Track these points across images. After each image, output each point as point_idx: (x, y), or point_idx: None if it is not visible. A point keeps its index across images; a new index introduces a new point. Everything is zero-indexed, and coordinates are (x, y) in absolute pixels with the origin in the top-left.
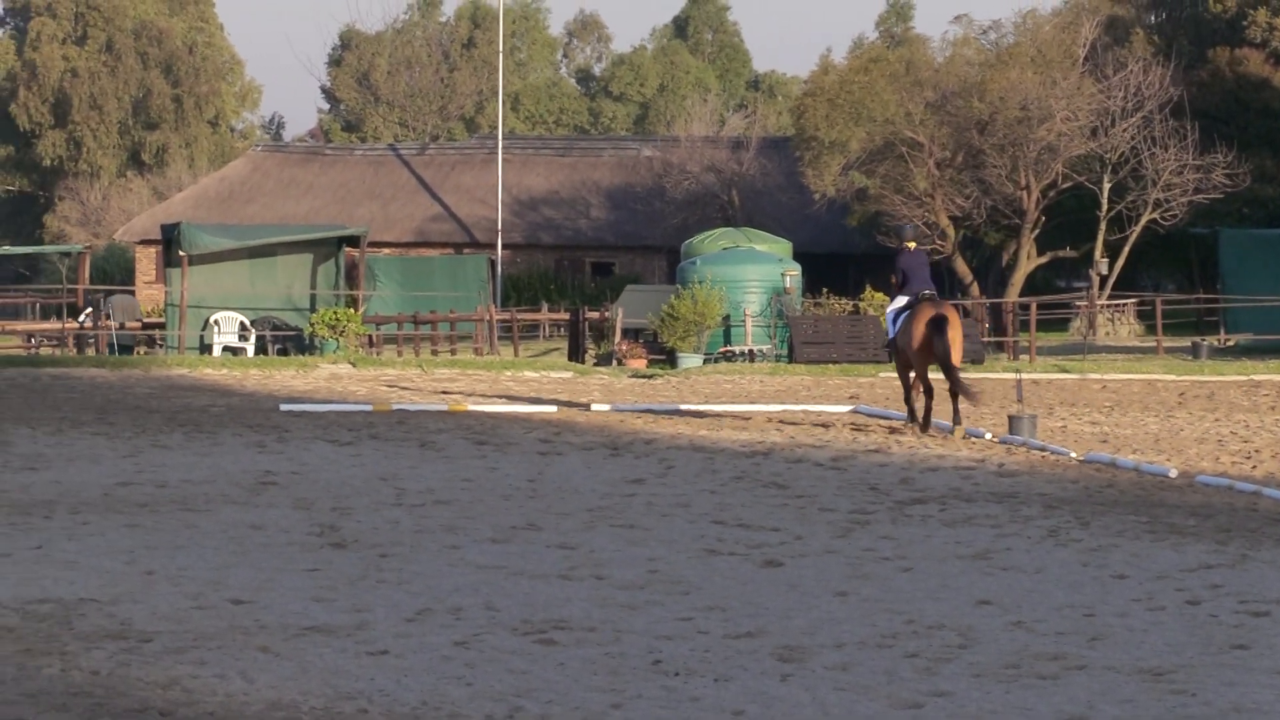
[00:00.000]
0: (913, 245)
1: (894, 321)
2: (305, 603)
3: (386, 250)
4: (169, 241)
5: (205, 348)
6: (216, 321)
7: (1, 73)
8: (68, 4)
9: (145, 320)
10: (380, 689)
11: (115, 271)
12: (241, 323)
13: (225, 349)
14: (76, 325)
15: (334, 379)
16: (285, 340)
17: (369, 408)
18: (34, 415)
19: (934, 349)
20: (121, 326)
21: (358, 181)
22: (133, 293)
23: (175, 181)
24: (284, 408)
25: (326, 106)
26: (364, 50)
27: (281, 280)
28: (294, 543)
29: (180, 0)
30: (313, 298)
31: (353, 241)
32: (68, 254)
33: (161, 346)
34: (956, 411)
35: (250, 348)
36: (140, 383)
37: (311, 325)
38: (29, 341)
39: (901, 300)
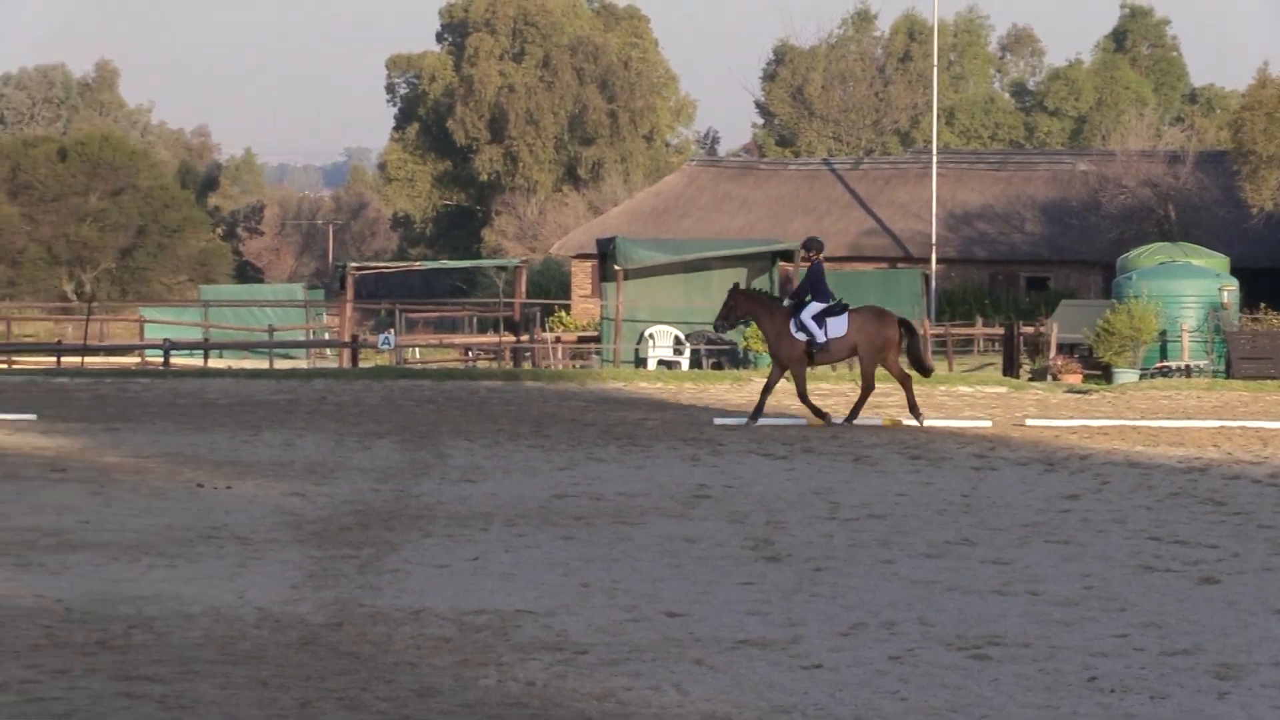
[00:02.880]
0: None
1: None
2: (739, 616)
3: None
4: (604, 256)
5: (640, 361)
6: (651, 335)
7: (439, 88)
8: (506, 20)
9: (581, 334)
10: (814, 703)
11: (551, 285)
12: (676, 336)
13: (660, 362)
14: (514, 339)
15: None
16: (719, 354)
17: (802, 422)
18: (471, 428)
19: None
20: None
21: (791, 196)
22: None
23: (610, 196)
24: (718, 421)
25: (760, 121)
26: (798, 65)
27: (715, 294)
28: (728, 556)
29: (616, 16)
30: None
31: (786, 256)
32: (504, 268)
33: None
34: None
35: (685, 361)
36: (575, 396)
37: (745, 339)
38: (467, 354)
39: (818, 306)
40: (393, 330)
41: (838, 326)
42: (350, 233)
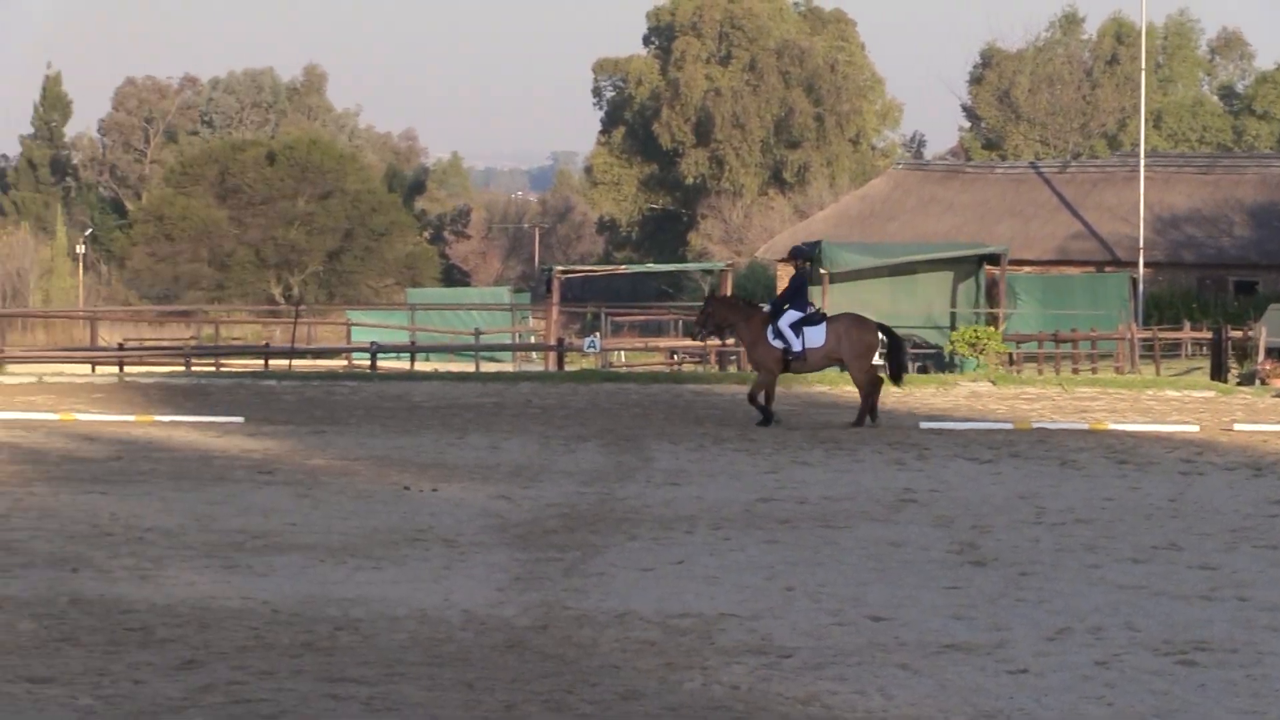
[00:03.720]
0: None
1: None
2: (944, 620)
3: (1027, 268)
4: (809, 260)
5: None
6: None
7: (646, 92)
8: (712, 24)
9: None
10: (1019, 708)
11: (757, 289)
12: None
13: None
14: (719, 342)
15: (974, 397)
16: (925, 358)
17: (1009, 425)
18: (676, 431)
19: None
20: None
21: (998, 199)
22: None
23: (816, 199)
24: (924, 425)
25: (967, 124)
26: (1005, 68)
27: (921, 298)
28: (933, 560)
29: (822, 19)
30: (953, 315)
31: (993, 259)
32: (710, 271)
33: None
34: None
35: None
36: (780, 399)
37: (951, 343)
38: (672, 358)
39: (795, 315)
40: (598, 333)
41: (815, 336)
42: (556, 236)
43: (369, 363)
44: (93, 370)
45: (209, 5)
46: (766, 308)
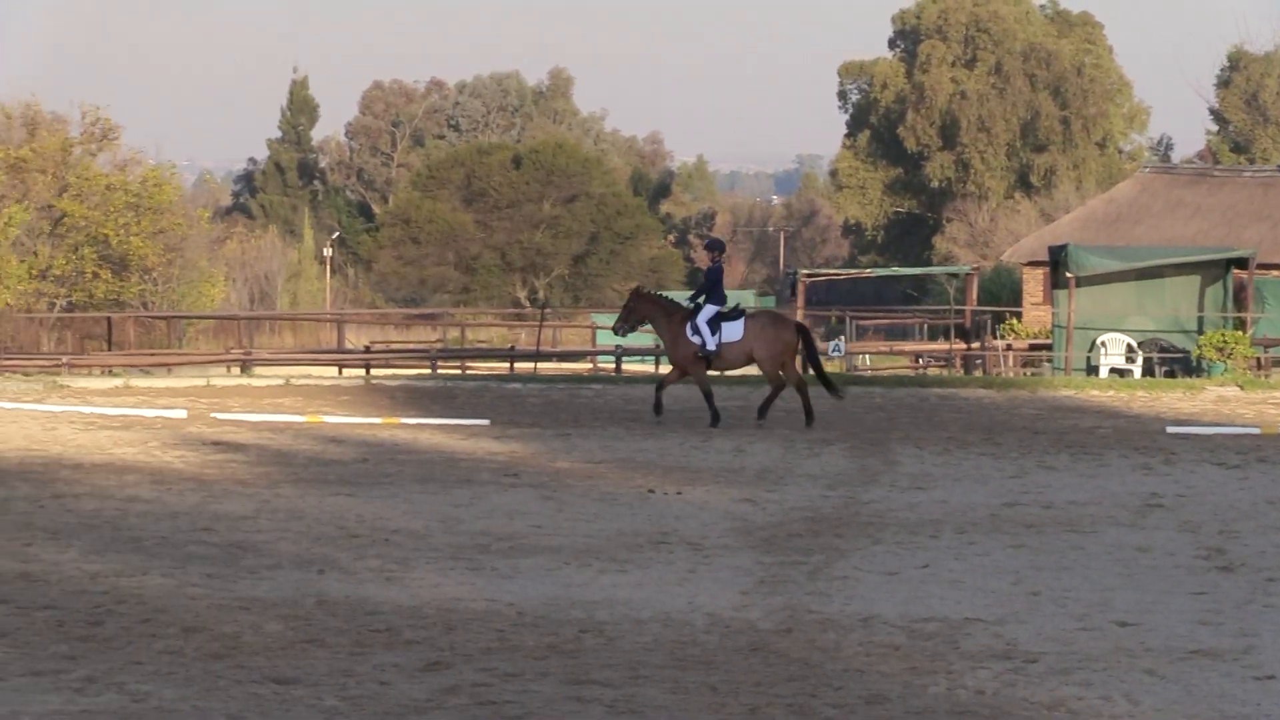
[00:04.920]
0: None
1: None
2: (1191, 626)
3: (1275, 272)
4: (1055, 263)
5: (1092, 369)
6: (1103, 343)
7: (891, 95)
8: (958, 27)
9: (1032, 341)
10: (1267, 714)
11: (1002, 293)
12: (1128, 344)
13: (1112, 370)
14: (964, 346)
15: (1221, 401)
16: (1172, 362)
17: (1257, 430)
18: (921, 435)
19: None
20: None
21: (1245, 203)
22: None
23: (1062, 203)
24: (1170, 430)
25: (1214, 128)
26: (1253, 70)
27: (1168, 302)
28: (1180, 565)
29: (1069, 22)
30: (1200, 320)
31: (1241, 263)
32: (955, 275)
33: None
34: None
35: (1137, 370)
36: (1026, 404)
37: (1199, 347)
38: (917, 362)
39: (713, 309)
40: (843, 337)
41: (732, 332)
42: (801, 239)
43: (614, 366)
44: (339, 373)
45: (456, 9)
46: (688, 302)
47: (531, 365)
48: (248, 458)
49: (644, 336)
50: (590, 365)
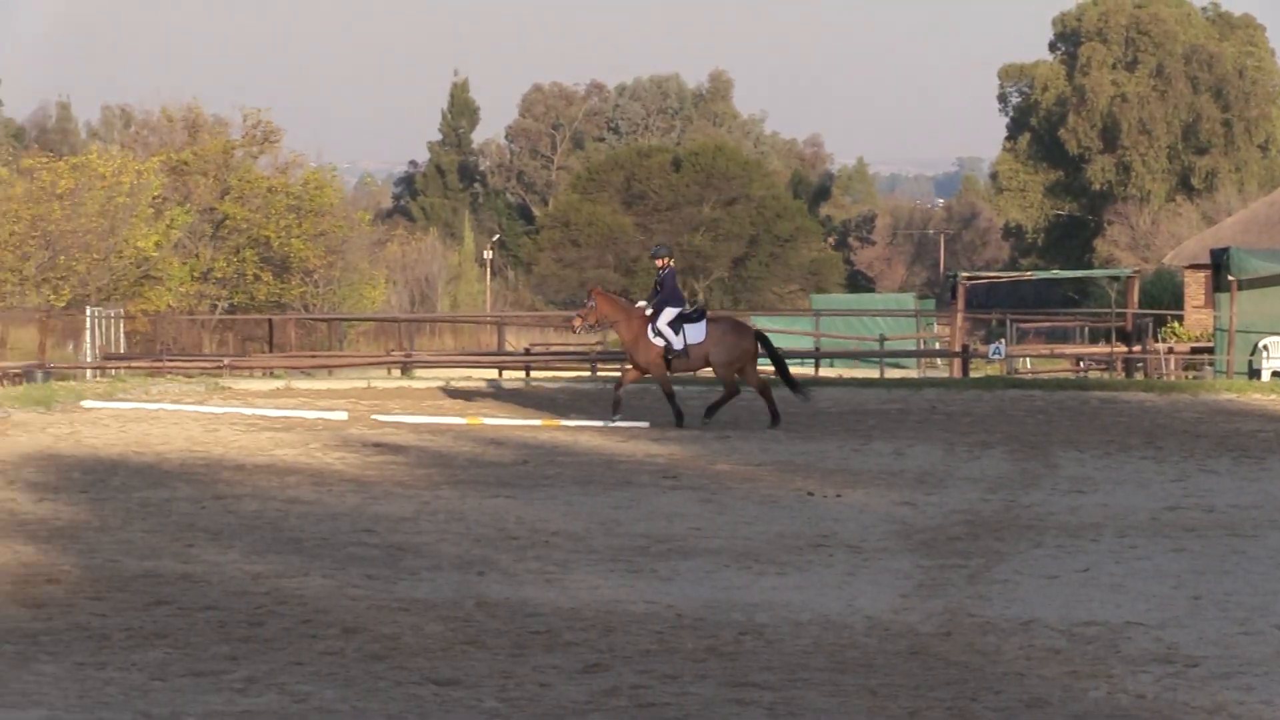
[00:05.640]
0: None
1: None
2: None
3: None
4: (1217, 266)
5: (1253, 372)
6: (1265, 346)
7: (1051, 98)
8: (1118, 30)
9: (1194, 345)
10: None
11: (1164, 296)
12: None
13: (1274, 374)
14: (1125, 349)
15: None
16: None
17: None
18: (1082, 438)
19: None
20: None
21: None
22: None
23: (1224, 206)
24: None
25: None
26: None
27: None
28: None
29: (1230, 24)
30: None
31: None
32: (1116, 278)
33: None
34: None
35: None
36: (1188, 407)
37: None
38: (1078, 365)
39: (674, 311)
40: (1003, 340)
41: (695, 333)
42: (961, 242)
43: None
44: (499, 375)
45: (616, 12)
46: (644, 306)
47: None
48: (408, 460)
49: (804, 339)
50: None
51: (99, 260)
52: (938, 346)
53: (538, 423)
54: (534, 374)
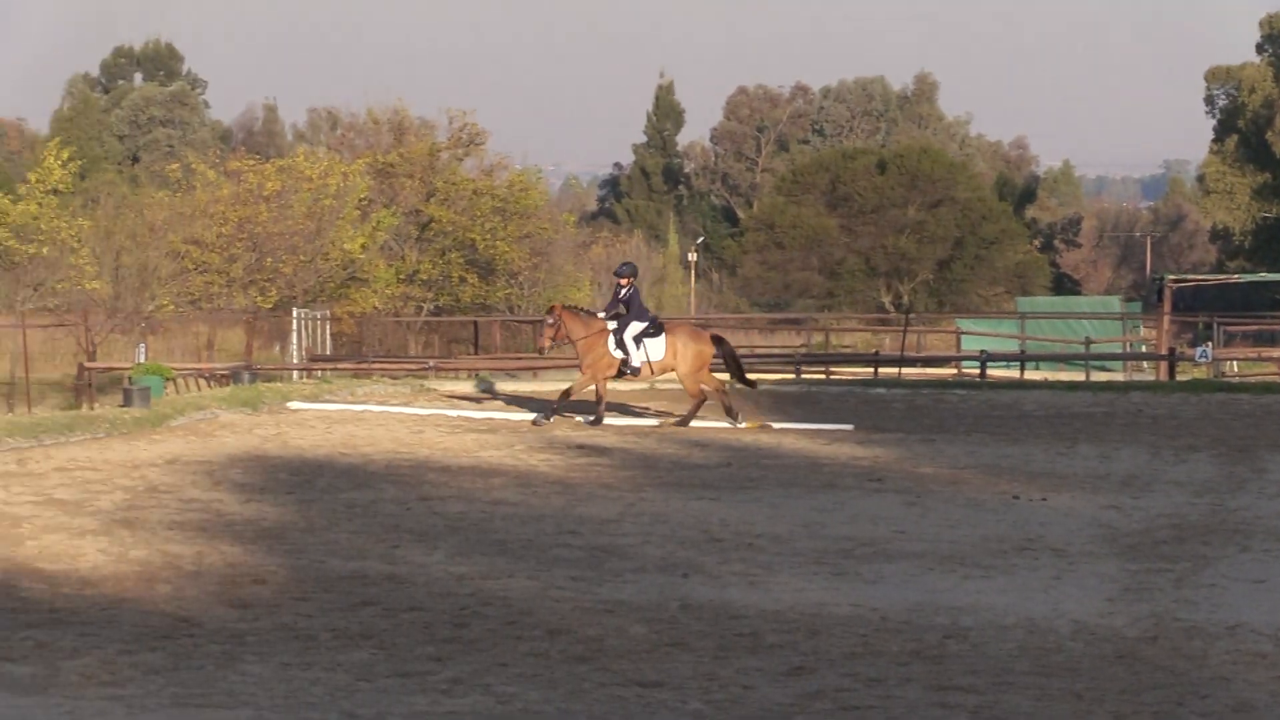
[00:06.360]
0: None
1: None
2: None
3: None
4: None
5: None
6: None
7: (1259, 100)
8: None
9: None
10: None
11: None
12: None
13: None
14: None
15: None
16: None
17: None
18: None
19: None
20: None
21: None
22: None
23: None
24: None
25: None
26: None
27: None
28: None
29: None
30: None
31: None
32: None
33: None
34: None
35: None
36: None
37: None
38: None
39: (639, 326)
40: (1210, 343)
41: (656, 349)
42: (1168, 245)
43: (978, 371)
44: None
45: (821, 13)
46: (604, 317)
47: (896, 370)
48: (612, 461)
49: (1009, 342)
50: (955, 370)
51: (305, 262)
52: (1144, 349)
53: (742, 425)
54: None
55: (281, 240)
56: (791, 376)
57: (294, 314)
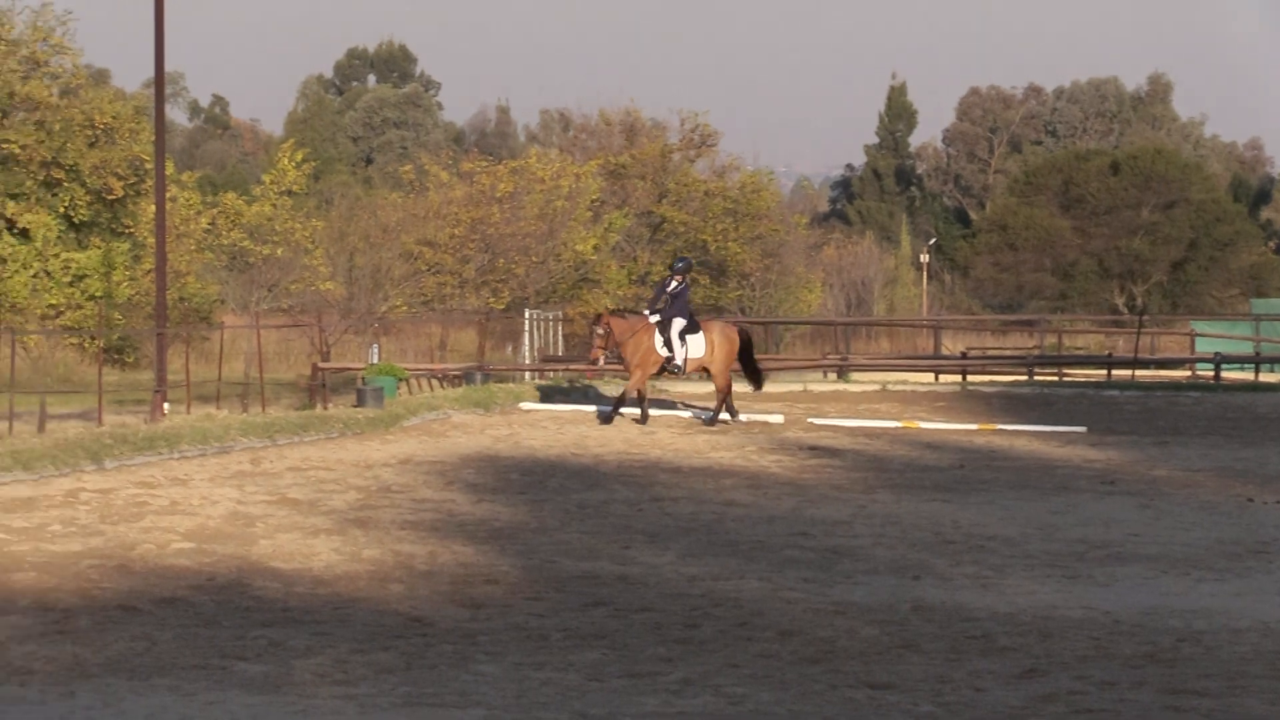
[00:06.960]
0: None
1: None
2: None
3: None
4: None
5: None
6: None
7: None
8: None
9: None
10: None
11: None
12: None
13: None
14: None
15: None
16: None
17: None
18: None
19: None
20: None
21: None
22: None
23: None
24: None
25: None
26: None
27: None
28: None
29: None
30: None
31: None
32: None
33: None
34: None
35: None
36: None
37: None
38: None
39: (683, 322)
40: None
41: (696, 348)
42: None
43: (1213, 373)
44: (935, 379)
45: (1054, 14)
46: (650, 315)
47: (1129, 372)
48: (843, 463)
49: (1243, 344)
50: (1189, 372)
51: (538, 263)
52: None
53: (974, 427)
54: (970, 377)
55: (514, 241)
56: (1024, 378)
57: (526, 315)
